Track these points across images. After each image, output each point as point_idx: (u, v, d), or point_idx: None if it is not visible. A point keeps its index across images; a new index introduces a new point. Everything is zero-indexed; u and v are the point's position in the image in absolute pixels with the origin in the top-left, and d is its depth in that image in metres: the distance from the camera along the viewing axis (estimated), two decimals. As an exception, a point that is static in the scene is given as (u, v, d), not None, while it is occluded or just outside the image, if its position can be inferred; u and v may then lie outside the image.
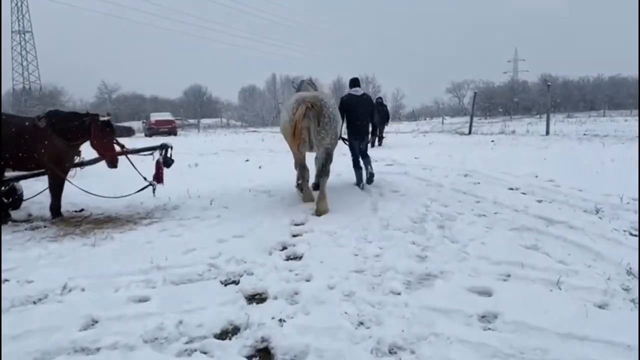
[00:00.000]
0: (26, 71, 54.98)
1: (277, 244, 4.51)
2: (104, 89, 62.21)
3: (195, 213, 5.83)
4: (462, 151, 11.89)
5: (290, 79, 24.33)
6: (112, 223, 5.47)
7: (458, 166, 9.01)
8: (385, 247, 4.30)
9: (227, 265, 3.98)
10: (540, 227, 4.73)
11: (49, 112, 5.80)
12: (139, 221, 5.53)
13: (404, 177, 8.07)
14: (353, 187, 7.25)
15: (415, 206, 5.80)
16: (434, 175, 8.00)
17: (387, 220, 5.20)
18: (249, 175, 9.13)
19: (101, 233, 5.02)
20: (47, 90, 53.07)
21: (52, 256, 4.34)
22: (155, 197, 6.37)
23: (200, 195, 6.97)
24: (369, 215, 5.50)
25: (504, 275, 3.52)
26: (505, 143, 13.81)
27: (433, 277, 3.54)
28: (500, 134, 17.86)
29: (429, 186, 7.16)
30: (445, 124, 35.76)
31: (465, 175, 7.95)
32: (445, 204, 5.89)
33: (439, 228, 4.87)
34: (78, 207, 6.37)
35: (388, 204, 6.02)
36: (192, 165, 11.12)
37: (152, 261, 4.03)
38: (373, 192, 6.82)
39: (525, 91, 77.23)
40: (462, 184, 7.13)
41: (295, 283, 3.52)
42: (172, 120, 31.27)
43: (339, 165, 9.87)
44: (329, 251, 4.24)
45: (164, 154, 6.02)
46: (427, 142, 15.72)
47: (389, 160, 10.80)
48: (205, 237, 4.79)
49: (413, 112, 70.03)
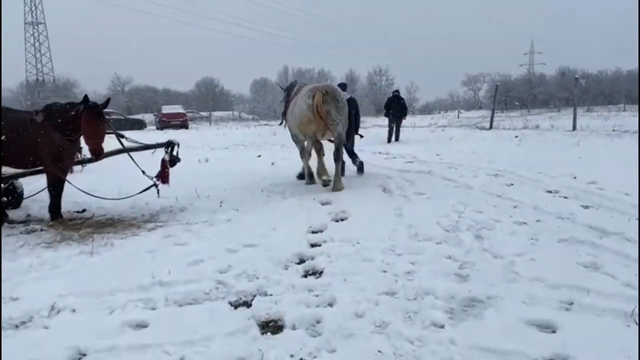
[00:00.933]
0: (39, 63, 55.10)
1: (294, 255, 4.00)
2: (117, 81, 62.18)
3: (203, 216, 5.34)
4: (486, 148, 11.25)
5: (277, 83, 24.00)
6: (114, 227, 5.01)
7: (485, 165, 8.39)
8: (418, 262, 3.77)
9: (237, 281, 3.49)
10: (593, 240, 4.14)
11: (47, 106, 5.35)
12: (142, 225, 5.06)
13: (428, 177, 7.50)
14: (374, 189, 6.71)
15: (446, 211, 5.24)
16: (461, 175, 7.41)
17: (415, 228, 4.65)
18: (261, 172, 8.64)
19: (100, 239, 4.55)
20: (61, 82, 53.04)
21: (45, 267, 3.88)
22: (162, 198, 5.91)
23: (210, 195, 6.48)
24: (394, 221, 4.96)
25: (565, 303, 2.96)
26: (530, 139, 13.10)
27: (480, 304, 3.00)
28: (523, 128, 17.12)
29: (457, 188, 6.59)
30: (462, 118, 35.00)
31: (495, 175, 7.35)
32: (479, 209, 5.32)
33: (477, 239, 4.31)
34: (80, 207, 5.93)
35: (414, 208, 5.47)
36: (203, 161, 10.68)
37: (153, 275, 3.55)
38: (396, 194, 6.27)
39: (543, 84, 75.59)
40: (494, 186, 6.54)
41: (315, 308, 3.01)
42: (184, 113, 30.88)
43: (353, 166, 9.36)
44: (353, 266, 3.72)
45: (170, 152, 5.53)
46: (446, 137, 15.07)
47: (408, 157, 10.22)
48: (214, 245, 4.30)
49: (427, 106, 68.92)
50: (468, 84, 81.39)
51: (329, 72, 73.45)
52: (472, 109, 64.97)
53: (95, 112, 4.82)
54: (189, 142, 17.86)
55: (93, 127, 4.80)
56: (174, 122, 29.28)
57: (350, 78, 73.21)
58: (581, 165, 7.84)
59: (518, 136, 14.31)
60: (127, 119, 31.32)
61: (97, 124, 4.83)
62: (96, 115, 4.83)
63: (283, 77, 75.49)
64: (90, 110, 4.81)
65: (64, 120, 5.00)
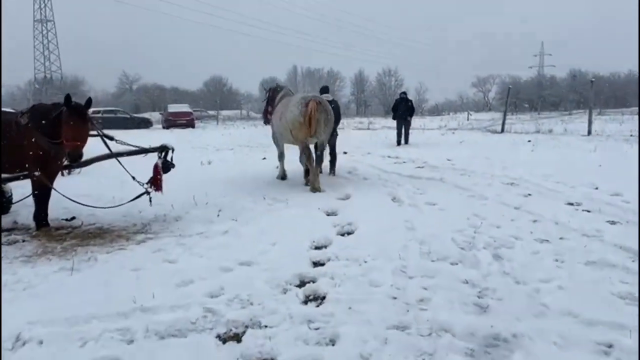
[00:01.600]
0: (48, 60, 55.13)
1: (294, 276, 3.61)
2: (125, 79, 62.10)
3: (198, 227, 4.98)
4: (499, 153, 10.79)
5: (262, 83, 23.88)
6: (101, 238, 4.66)
7: (500, 172, 7.95)
8: (431, 286, 3.37)
9: (228, 308, 3.11)
10: (626, 263, 3.71)
11: (32, 107, 5.01)
12: (131, 236, 4.70)
13: (440, 185, 7.08)
14: (383, 198, 6.31)
15: (460, 225, 4.83)
16: (475, 184, 6.98)
17: (427, 244, 4.25)
18: (265, 177, 8.26)
19: (84, 253, 4.20)
20: (68, 80, 53.03)
21: (19, 286, 3.53)
22: (157, 205, 5.56)
23: (208, 203, 6.12)
24: (405, 236, 4.56)
25: (603, 346, 2.55)
26: (544, 144, 12.61)
27: (504, 344, 2.59)
28: (535, 132, 16.59)
29: (471, 197, 6.17)
30: (472, 120, 34.44)
31: (511, 184, 6.91)
32: (496, 223, 4.90)
33: (496, 259, 3.90)
34: (70, 214, 5.59)
35: (426, 220, 5.07)
36: (205, 163, 10.34)
37: (135, 300, 3.18)
38: (406, 204, 5.87)
39: (553, 86, 74.57)
40: (510, 196, 6.11)
41: (315, 346, 2.62)
42: (190, 112, 30.58)
43: (362, 166, 8.97)
44: (360, 291, 3.33)
45: (163, 157, 5.16)
46: (457, 141, 14.61)
47: (419, 161, 9.80)
48: (207, 263, 3.93)
49: (436, 107, 68.22)
50: (478, 85, 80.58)
51: (338, 72, 73.13)
52: (481, 111, 64.19)
53: (77, 113, 4.47)
54: (193, 142, 17.56)
55: (73, 128, 4.45)
56: (180, 121, 29.01)
57: (360, 78, 72.80)
58: (602, 174, 7.38)
59: (531, 141, 13.82)
60: (133, 118, 31.10)
61: (77, 125, 4.47)
62: (77, 116, 4.48)
63: (292, 76, 75.32)
64: (71, 111, 4.45)
65: (49, 122, 4.65)
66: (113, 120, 28.59)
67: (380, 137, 16.57)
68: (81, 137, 4.57)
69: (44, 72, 54.87)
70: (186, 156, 12.26)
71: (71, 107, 4.46)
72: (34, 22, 55.22)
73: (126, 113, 31.93)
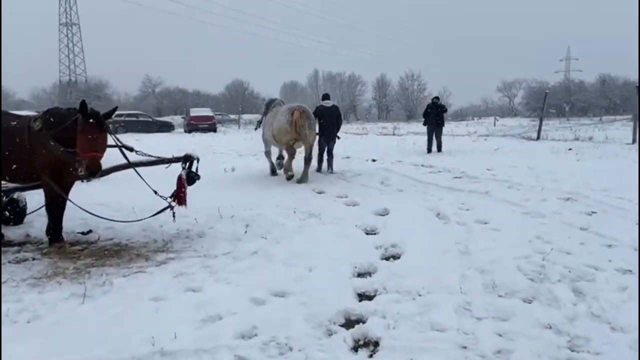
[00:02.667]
0: (72, 63, 55.91)
1: (338, 314, 3.06)
2: (148, 82, 62.59)
3: (225, 246, 4.47)
4: (542, 162, 10.03)
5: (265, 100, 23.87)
6: (118, 257, 4.18)
7: (550, 185, 7.24)
8: (507, 332, 2.78)
9: (263, 355, 2.59)
10: None
11: (47, 111, 4.58)
12: (151, 256, 4.22)
13: (487, 200, 6.43)
14: (426, 214, 5.71)
15: (523, 250, 4.20)
16: (527, 199, 6.30)
17: (490, 274, 3.65)
18: (290, 188, 7.74)
19: (99, 275, 3.73)
20: (92, 83, 53.61)
21: (23, 317, 3.08)
22: (180, 217, 5.07)
23: (234, 216, 5.62)
24: (461, 262, 3.97)
25: None
26: (588, 153, 11.76)
27: None
28: (575, 140, 15.69)
29: (527, 215, 5.51)
30: (498, 125, 33.35)
31: (567, 200, 6.22)
32: (565, 247, 4.26)
33: (577, 296, 3.28)
34: (87, 226, 5.17)
35: (481, 243, 4.45)
36: (229, 170, 9.88)
37: (154, 341, 2.67)
38: (453, 222, 5.26)
39: (581, 91, 72.38)
40: (571, 214, 5.43)
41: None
42: (212, 116, 30.32)
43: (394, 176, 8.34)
44: (420, 336, 2.76)
45: (187, 168, 4.68)
46: (491, 149, 13.82)
47: (455, 171, 9.13)
48: (235, 291, 3.41)
49: (460, 111, 66.85)
50: (503, 90, 78.73)
51: (360, 77, 72.41)
52: (506, 116, 62.66)
53: (94, 122, 4.01)
54: (215, 147, 17.21)
55: (89, 139, 3.99)
56: (202, 125, 28.79)
57: (382, 82, 71.94)
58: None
59: (572, 149, 12.97)
60: (155, 121, 31.02)
61: (94, 135, 4.01)
62: (95, 125, 4.02)
63: (313, 80, 75.00)
64: (87, 119, 4.00)
65: (64, 128, 4.21)
66: (135, 123, 28.57)
67: (408, 144, 15.89)
68: (99, 148, 4.12)
69: (68, 75, 55.68)
70: (209, 162, 11.88)
71: (87, 116, 4.01)
72: (60, 26, 56.14)
73: (148, 116, 31.89)
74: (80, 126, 4.06)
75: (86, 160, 4.01)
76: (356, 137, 21.62)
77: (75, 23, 56.18)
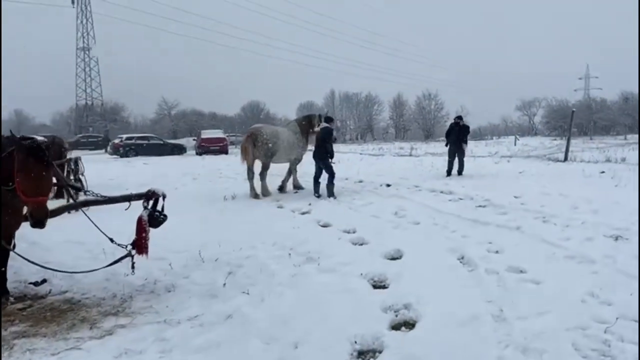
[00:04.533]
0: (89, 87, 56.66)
1: None
2: (164, 105, 63.02)
3: (194, 305, 3.60)
4: (576, 189, 8.93)
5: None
6: (57, 323, 3.35)
7: (590, 218, 6.20)
8: None
9: None
10: None
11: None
12: (99, 321, 3.37)
13: (518, 237, 5.43)
14: (445, 258, 4.74)
15: (576, 316, 3.22)
16: (567, 237, 5.29)
17: (537, 354, 2.70)
18: (293, 220, 6.88)
19: (22, 353, 2.88)
20: (108, 106, 54.13)
21: None
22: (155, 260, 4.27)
23: (218, 259, 4.76)
24: (495, 334, 3.01)
25: None
26: (625, 177, 10.60)
27: None
28: (606, 162, 14.50)
29: (570, 260, 4.51)
30: (519, 145, 32.08)
31: (617, 238, 5.19)
32: (631, 312, 3.26)
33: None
34: (41, 275, 4.36)
35: (519, 304, 3.48)
36: (229, 198, 9.07)
37: None
38: (481, 270, 4.28)
39: (603, 110, 70.34)
40: (628, 260, 4.40)
41: None
42: (224, 138, 29.79)
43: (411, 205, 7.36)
44: None
45: (152, 207, 3.84)
46: (515, 171, 12.76)
47: (479, 199, 8.13)
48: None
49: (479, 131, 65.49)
50: (522, 108, 77.19)
51: (376, 97, 71.87)
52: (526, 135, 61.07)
53: (35, 156, 3.22)
54: (223, 170, 16.55)
55: (31, 177, 3.19)
56: (214, 147, 28.28)
57: (398, 102, 71.24)
58: None
59: (605, 172, 11.83)
60: (167, 144, 30.61)
61: (36, 172, 3.21)
62: (36, 160, 3.22)
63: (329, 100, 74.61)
64: (27, 153, 3.21)
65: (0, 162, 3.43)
66: (146, 147, 28.23)
67: (425, 166, 14.92)
68: (44, 190, 3.32)
69: (85, 99, 56.35)
70: (211, 188, 11.12)
71: (24, 150, 3.22)
72: (77, 50, 57.14)
73: (159, 139, 31.54)
74: (19, 164, 3.27)
75: (29, 206, 3.22)
76: (372, 159, 20.76)
77: (91, 47, 57.22)
